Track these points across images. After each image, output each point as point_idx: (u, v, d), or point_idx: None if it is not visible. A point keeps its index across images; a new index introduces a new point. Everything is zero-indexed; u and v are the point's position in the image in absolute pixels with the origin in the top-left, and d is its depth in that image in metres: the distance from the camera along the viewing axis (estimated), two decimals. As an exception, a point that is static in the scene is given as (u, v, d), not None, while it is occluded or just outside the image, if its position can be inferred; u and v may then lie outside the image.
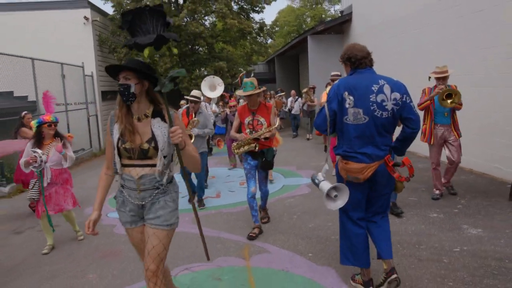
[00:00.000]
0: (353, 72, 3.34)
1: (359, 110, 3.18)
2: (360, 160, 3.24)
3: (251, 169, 5.13)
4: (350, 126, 3.24)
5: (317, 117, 3.43)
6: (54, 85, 12.23)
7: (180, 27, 15.39)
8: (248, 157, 5.12)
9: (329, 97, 3.32)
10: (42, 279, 4.25)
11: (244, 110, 5.19)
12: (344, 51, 3.42)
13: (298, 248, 4.63)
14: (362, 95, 3.18)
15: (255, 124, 5.06)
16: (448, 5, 8.40)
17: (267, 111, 5.10)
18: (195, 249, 4.77)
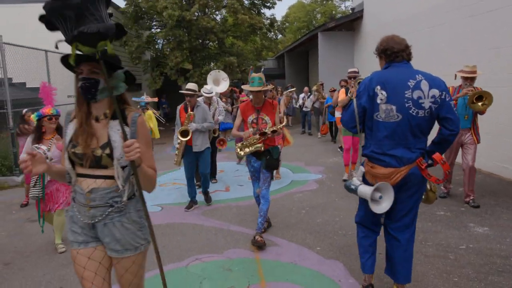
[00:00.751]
0: (388, 65, 3.08)
1: (392, 106, 2.91)
2: (388, 163, 2.98)
3: (255, 171, 4.90)
4: (380, 124, 2.97)
5: (345, 113, 3.20)
6: (66, 77, 12.38)
7: (191, 21, 15.47)
8: (252, 159, 4.85)
9: (359, 91, 3.07)
10: (58, 266, 4.39)
11: (247, 108, 4.87)
12: (380, 42, 3.16)
13: (306, 242, 4.73)
14: (397, 90, 2.91)
15: (260, 123, 4.76)
16: (459, 5, 8.41)
17: (272, 110, 4.81)
18: (206, 241, 4.88)
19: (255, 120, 4.78)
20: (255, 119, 4.79)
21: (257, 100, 4.79)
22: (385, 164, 2.99)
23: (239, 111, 4.97)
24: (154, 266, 4.26)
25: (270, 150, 4.76)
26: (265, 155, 4.73)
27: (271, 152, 4.75)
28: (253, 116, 4.80)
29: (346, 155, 7.41)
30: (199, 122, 6.09)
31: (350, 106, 3.13)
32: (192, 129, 5.97)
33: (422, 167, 2.97)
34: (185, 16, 15.04)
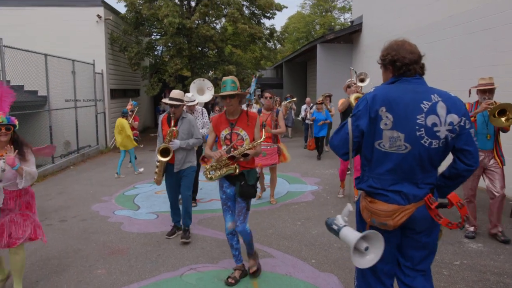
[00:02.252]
0: (395, 80, 2.46)
1: (399, 134, 2.31)
2: (391, 199, 2.38)
3: (228, 199, 4.00)
4: (382, 154, 2.38)
5: (335, 135, 2.56)
6: (65, 81, 12.42)
7: (191, 29, 15.55)
8: (224, 183, 3.99)
9: (357, 110, 2.44)
10: (51, 272, 4.37)
11: (220, 121, 4.00)
12: (386, 49, 2.51)
13: (302, 254, 4.73)
14: (407, 114, 2.31)
15: (234, 139, 3.90)
16: (457, 22, 8.51)
17: (250, 123, 3.93)
18: (201, 251, 4.88)
19: (228, 135, 3.92)
20: (228, 134, 3.93)
21: (231, 110, 3.90)
22: (387, 200, 2.40)
23: (211, 125, 4.13)
24: (149, 274, 4.26)
25: (245, 174, 3.89)
26: (239, 180, 3.87)
27: (246, 177, 3.89)
28: (226, 130, 3.94)
29: (343, 167, 7.13)
30: (183, 138, 5.12)
31: (344, 127, 2.51)
32: (175, 148, 5.02)
33: (431, 206, 2.39)
34: (185, 24, 15.12)
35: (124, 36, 16.47)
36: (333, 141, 2.59)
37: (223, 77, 4.47)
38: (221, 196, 4.06)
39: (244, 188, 3.83)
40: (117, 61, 16.54)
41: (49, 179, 9.71)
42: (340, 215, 2.49)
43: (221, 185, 4.05)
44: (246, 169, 3.90)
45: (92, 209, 6.87)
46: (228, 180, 3.96)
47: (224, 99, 3.82)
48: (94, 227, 5.91)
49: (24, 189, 3.75)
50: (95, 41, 14.78)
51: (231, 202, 4.02)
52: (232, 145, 3.89)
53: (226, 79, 3.89)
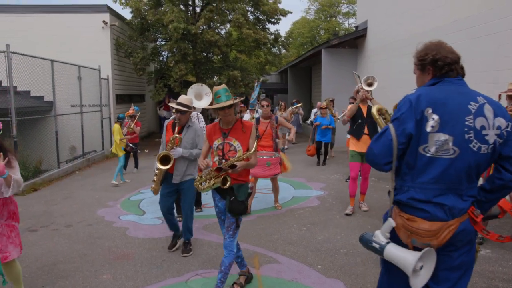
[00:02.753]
0: (436, 81, 2.27)
1: (447, 137, 2.10)
2: (433, 215, 2.13)
3: (221, 213, 3.88)
4: (427, 160, 2.14)
5: (375, 143, 2.25)
6: (71, 87, 12.49)
7: (196, 35, 15.61)
8: (216, 196, 3.85)
9: (400, 113, 2.19)
10: (57, 277, 4.37)
11: (213, 130, 3.83)
12: (424, 50, 2.33)
13: (308, 259, 4.70)
14: (454, 115, 2.11)
15: (226, 150, 3.71)
16: (461, 27, 8.49)
17: (244, 132, 3.74)
18: (206, 256, 4.86)
19: (221, 146, 3.74)
20: (221, 144, 3.75)
21: (226, 120, 3.75)
22: (428, 216, 2.13)
23: (205, 134, 3.99)
24: (155, 279, 4.25)
25: (235, 189, 3.69)
26: (229, 195, 3.68)
27: (235, 192, 3.69)
28: (219, 140, 3.77)
29: (353, 184, 6.49)
30: (187, 147, 4.82)
31: (385, 134, 2.21)
32: (176, 156, 4.71)
33: (476, 219, 2.15)
34: (190, 30, 15.18)
35: (130, 42, 16.55)
36: (372, 150, 2.25)
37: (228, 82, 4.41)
38: (215, 209, 3.94)
39: (233, 204, 3.63)
40: (122, 67, 16.62)
41: (55, 184, 9.74)
42: (380, 231, 2.22)
43: (213, 198, 3.91)
44: (236, 184, 3.70)
45: (98, 214, 6.88)
46: (219, 193, 3.79)
47: (222, 110, 3.64)
48: (100, 232, 5.91)
49: (8, 197, 3.49)
50: (100, 47, 14.88)
51: (224, 215, 3.85)
52: (223, 156, 3.71)
53: (219, 89, 3.68)
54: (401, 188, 2.25)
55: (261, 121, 6.76)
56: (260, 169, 6.35)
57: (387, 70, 12.25)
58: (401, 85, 10.84)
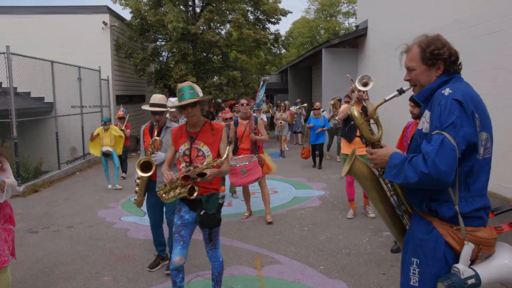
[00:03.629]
0: (449, 78, 2.06)
1: (487, 135, 1.99)
2: (485, 221, 1.99)
3: (182, 226, 3.34)
4: (480, 163, 1.96)
5: (439, 158, 1.81)
6: (71, 88, 12.48)
7: (196, 35, 15.60)
8: (183, 207, 3.38)
9: (455, 117, 1.86)
10: (58, 279, 4.35)
11: (179, 133, 3.43)
12: (439, 42, 2.08)
13: (309, 260, 4.68)
14: (485, 111, 2.02)
15: (194, 156, 3.31)
16: (464, 26, 8.47)
17: (213, 136, 3.34)
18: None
19: (187, 151, 3.34)
20: (187, 149, 3.34)
21: (192, 122, 3.33)
22: (483, 223, 1.98)
23: (170, 139, 3.51)
24: (156, 281, 4.23)
25: (203, 200, 3.27)
26: (199, 207, 3.28)
27: (204, 204, 3.27)
28: (185, 145, 3.36)
29: (350, 188, 6.26)
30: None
31: (445, 145, 1.83)
32: (158, 161, 4.26)
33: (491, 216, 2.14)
34: (190, 30, 15.17)
35: (130, 43, 16.54)
36: (438, 167, 1.80)
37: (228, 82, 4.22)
38: (176, 222, 3.37)
39: (204, 219, 3.25)
40: (122, 67, 16.60)
41: (56, 185, 9.72)
42: (461, 263, 1.89)
43: (178, 209, 3.41)
44: (206, 194, 3.28)
45: (99, 215, 6.86)
46: (188, 204, 3.35)
47: (184, 109, 3.25)
48: (101, 233, 5.89)
49: (3, 201, 3.33)
50: (100, 47, 14.86)
51: (186, 230, 3.35)
52: (190, 163, 3.31)
53: (183, 86, 3.30)
54: (465, 200, 1.95)
55: (239, 122, 6.15)
56: (238, 177, 5.76)
57: (388, 69, 12.22)
58: (401, 84, 10.82)
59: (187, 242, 3.38)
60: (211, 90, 16.10)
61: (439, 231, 1.96)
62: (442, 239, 1.94)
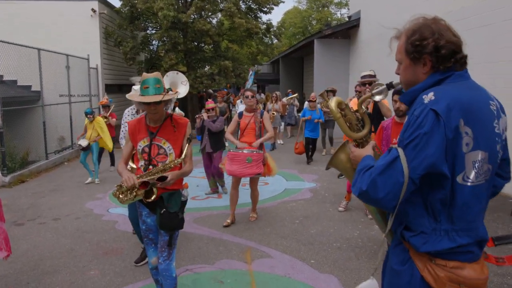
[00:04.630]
0: (444, 76, 1.63)
1: (484, 154, 1.55)
2: (477, 254, 1.60)
3: (149, 231, 3.17)
4: (470, 191, 1.55)
5: (380, 178, 1.52)
6: (59, 76, 12.24)
7: (187, 23, 15.37)
8: (143, 211, 3.15)
9: (417, 133, 1.49)
10: (44, 274, 4.24)
11: (138, 127, 3.11)
12: (419, 31, 1.65)
13: (300, 254, 4.62)
14: (483, 122, 1.56)
15: (154, 154, 3.04)
16: (457, 17, 8.40)
17: (176, 131, 3.07)
18: (197, 251, 4.76)
19: (147, 148, 3.05)
20: (147, 146, 3.05)
21: (155, 117, 3.04)
22: (472, 257, 1.59)
23: (127, 133, 3.20)
24: (144, 275, 4.14)
25: (164, 199, 3.01)
26: (159, 206, 3.01)
27: (166, 202, 3.01)
28: (145, 141, 3.06)
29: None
30: None
31: (393, 165, 1.51)
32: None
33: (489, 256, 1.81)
34: (181, 18, 14.94)
35: (119, 31, 16.26)
36: (376, 190, 1.51)
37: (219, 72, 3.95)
38: (140, 226, 3.21)
39: (164, 219, 2.96)
40: (112, 56, 16.34)
41: (43, 175, 9.56)
42: None
43: (139, 213, 3.19)
44: (166, 192, 3.02)
45: (86, 206, 6.74)
46: (147, 206, 3.09)
47: (147, 105, 2.94)
48: (88, 225, 5.78)
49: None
50: (89, 35, 14.58)
51: (153, 234, 3.18)
52: (149, 162, 3.04)
53: (148, 77, 2.97)
54: (434, 232, 1.56)
55: (244, 114, 5.70)
56: (239, 166, 5.23)
57: (380, 61, 12.15)
58: (395, 76, 10.77)
59: (155, 242, 3.21)
60: (202, 80, 15.92)
61: (415, 263, 1.60)
62: (418, 274, 1.59)
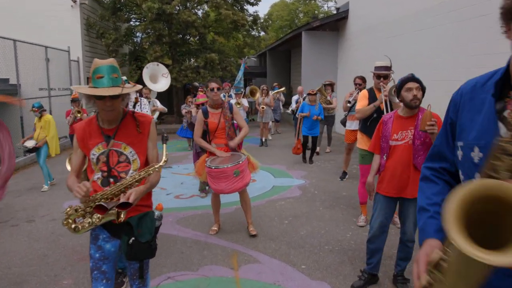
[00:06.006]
0: None
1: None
2: None
3: (103, 260, 2.49)
4: None
5: None
6: (38, 69, 11.75)
7: (172, 15, 14.94)
8: (101, 234, 2.49)
9: None
10: (10, 284, 3.88)
11: (88, 131, 2.48)
12: None
13: (290, 258, 4.34)
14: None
15: (113, 163, 2.44)
16: (448, 9, 8.16)
17: (140, 133, 2.49)
18: (179, 256, 4.44)
19: (103, 156, 2.42)
20: (104, 153, 2.42)
21: (110, 116, 2.41)
22: None
23: (75, 139, 2.51)
24: (121, 285, 3.82)
25: (133, 224, 2.44)
26: (126, 233, 2.43)
27: (134, 227, 2.44)
28: (100, 148, 2.44)
29: (363, 189, 5.16)
30: None
31: None
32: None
33: None
34: (165, 9, 14.50)
35: (101, 22, 15.76)
36: None
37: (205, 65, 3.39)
38: (93, 255, 2.50)
39: (134, 250, 2.41)
40: (94, 48, 15.83)
41: (20, 172, 9.14)
42: None
43: (94, 236, 2.51)
44: (134, 216, 2.46)
45: (64, 207, 6.36)
46: (108, 229, 2.47)
47: (101, 100, 2.30)
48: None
49: None
50: (70, 26, 14.09)
51: (107, 265, 2.51)
52: (109, 173, 2.44)
53: (101, 64, 2.32)
54: None
55: (209, 111, 4.81)
56: (227, 183, 4.49)
57: (369, 53, 11.90)
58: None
59: (112, 279, 2.55)
60: (187, 73, 15.53)
61: None
62: None
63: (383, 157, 3.45)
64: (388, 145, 3.40)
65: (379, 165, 3.51)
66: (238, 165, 4.47)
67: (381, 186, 3.51)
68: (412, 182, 3.31)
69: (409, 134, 3.33)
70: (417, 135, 3.28)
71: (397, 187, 3.39)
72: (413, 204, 3.38)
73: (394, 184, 3.40)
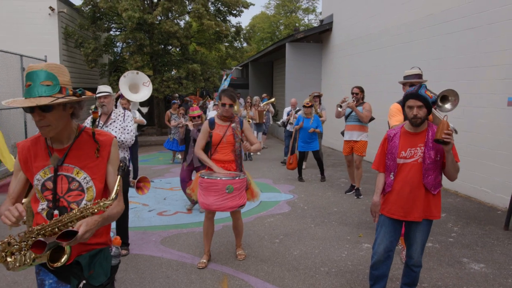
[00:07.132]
0: None
1: None
2: None
3: None
4: None
5: None
6: (12, 78, 11.25)
7: (153, 25, 14.62)
8: (46, 278, 2.07)
9: None
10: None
11: (33, 151, 2.06)
12: None
13: (285, 282, 4.04)
14: None
15: (62, 191, 2.02)
16: (438, 21, 8.09)
17: (99, 155, 2.10)
18: (165, 280, 4.09)
19: (49, 183, 2.02)
20: (49, 180, 2.02)
21: (47, 132, 1.94)
22: None
23: (16, 160, 2.12)
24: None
25: (83, 264, 2.01)
26: (76, 276, 2.00)
27: (84, 268, 2.02)
28: (46, 172, 2.02)
29: None
30: None
31: None
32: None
33: None
34: (146, 19, 14.18)
35: (80, 31, 15.34)
36: None
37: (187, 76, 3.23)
38: None
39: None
40: (72, 58, 15.36)
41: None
42: None
43: (40, 283, 2.08)
44: (85, 253, 2.04)
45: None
46: (55, 272, 2.02)
47: (31, 113, 1.90)
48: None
49: None
50: (47, 35, 13.64)
51: None
52: (55, 203, 2.01)
53: (31, 70, 1.87)
54: None
55: (217, 124, 4.48)
56: (217, 198, 4.10)
57: (354, 65, 11.81)
58: (369, 81, 10.41)
59: None
60: (169, 84, 15.18)
61: None
62: None
63: (390, 176, 3.18)
64: (395, 163, 3.13)
65: (384, 184, 3.25)
66: (232, 180, 4.11)
67: (386, 206, 3.24)
68: (421, 203, 3.06)
69: (419, 152, 3.05)
70: (427, 154, 3.02)
71: (404, 209, 3.13)
72: (422, 227, 3.14)
73: (401, 205, 3.13)
